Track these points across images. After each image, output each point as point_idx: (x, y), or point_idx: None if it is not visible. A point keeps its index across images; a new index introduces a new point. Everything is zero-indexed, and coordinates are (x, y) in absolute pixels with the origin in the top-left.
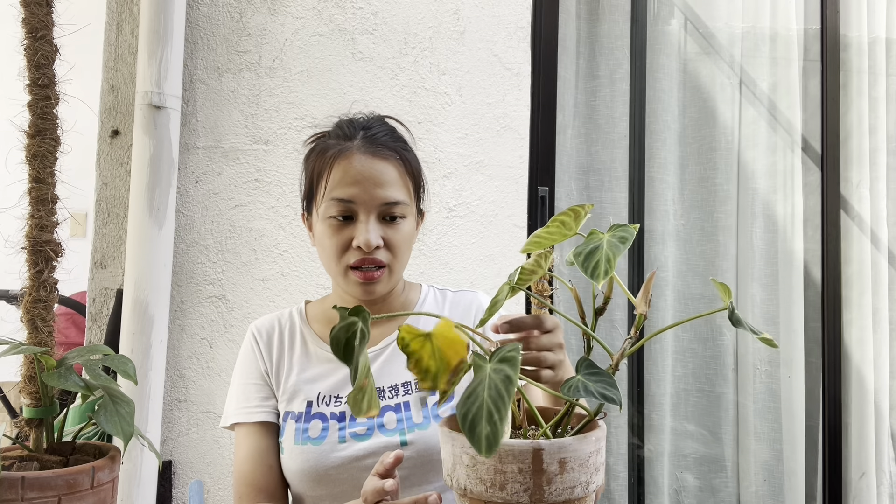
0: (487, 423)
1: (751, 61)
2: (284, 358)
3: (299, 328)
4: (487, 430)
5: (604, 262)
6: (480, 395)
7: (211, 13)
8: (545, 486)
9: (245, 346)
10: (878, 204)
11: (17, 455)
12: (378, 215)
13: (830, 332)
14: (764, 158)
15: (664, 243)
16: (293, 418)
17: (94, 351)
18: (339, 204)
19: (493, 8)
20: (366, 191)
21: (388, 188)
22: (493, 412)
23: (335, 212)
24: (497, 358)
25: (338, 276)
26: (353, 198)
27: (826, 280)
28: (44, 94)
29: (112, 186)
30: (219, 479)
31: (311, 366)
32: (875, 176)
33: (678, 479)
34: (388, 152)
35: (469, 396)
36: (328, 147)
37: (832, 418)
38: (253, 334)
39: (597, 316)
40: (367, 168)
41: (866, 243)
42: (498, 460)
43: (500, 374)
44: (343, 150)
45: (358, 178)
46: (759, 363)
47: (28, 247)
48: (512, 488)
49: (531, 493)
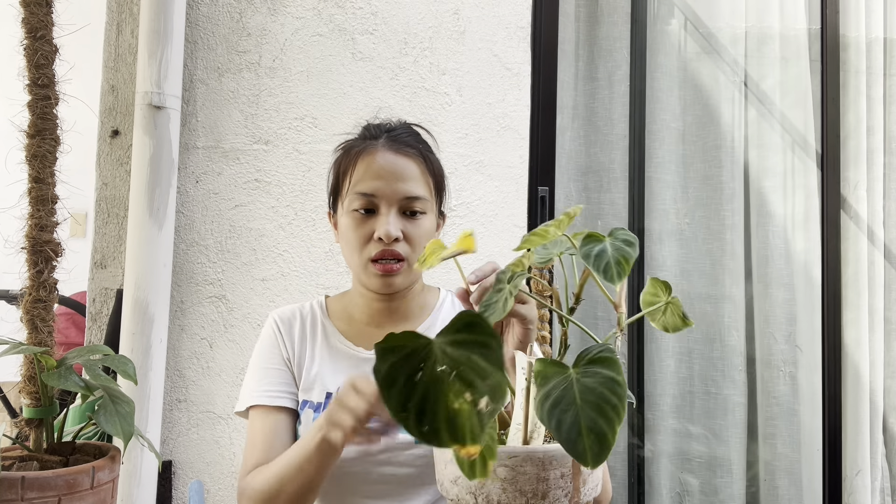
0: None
1: (751, 61)
2: (306, 347)
3: (321, 321)
4: (591, 442)
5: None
6: (572, 401)
7: (211, 13)
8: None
9: (266, 333)
10: (878, 204)
11: (17, 455)
12: (399, 209)
13: (830, 332)
14: (765, 158)
15: (662, 243)
16: (311, 407)
17: (94, 351)
18: (362, 198)
19: (493, 8)
20: (388, 185)
21: (409, 183)
22: (598, 420)
23: (358, 205)
24: (586, 360)
25: (359, 269)
26: (376, 191)
27: (826, 280)
28: (43, 94)
29: (112, 186)
30: (219, 479)
31: (332, 359)
32: (874, 176)
33: (679, 479)
34: (411, 150)
35: (556, 405)
36: (353, 146)
37: (832, 418)
38: (275, 321)
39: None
40: (389, 163)
41: (866, 243)
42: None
43: (596, 378)
44: (367, 147)
45: (381, 173)
46: (762, 363)
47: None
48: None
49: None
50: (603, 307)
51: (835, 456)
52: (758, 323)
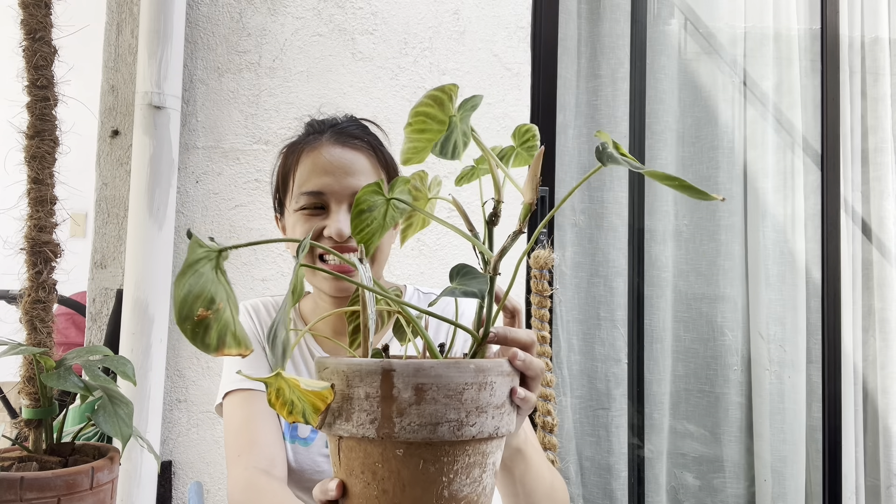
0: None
1: (751, 61)
2: None
3: (292, 320)
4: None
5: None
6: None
7: (211, 13)
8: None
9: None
10: (878, 204)
11: (16, 456)
12: (350, 205)
13: (830, 332)
14: (766, 158)
15: (665, 243)
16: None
17: (93, 352)
18: (310, 196)
19: (493, 8)
20: (336, 180)
21: (359, 177)
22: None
23: (306, 202)
24: None
25: (309, 273)
26: (324, 188)
27: (826, 280)
28: (42, 95)
29: (112, 186)
30: (219, 480)
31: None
32: (875, 176)
33: (677, 478)
34: (359, 142)
35: None
36: (297, 143)
37: (832, 418)
38: (247, 309)
39: (489, 227)
40: (336, 158)
41: (867, 243)
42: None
43: None
44: (312, 142)
45: (328, 169)
46: (763, 363)
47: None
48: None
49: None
50: (605, 307)
51: (835, 456)
52: (759, 323)
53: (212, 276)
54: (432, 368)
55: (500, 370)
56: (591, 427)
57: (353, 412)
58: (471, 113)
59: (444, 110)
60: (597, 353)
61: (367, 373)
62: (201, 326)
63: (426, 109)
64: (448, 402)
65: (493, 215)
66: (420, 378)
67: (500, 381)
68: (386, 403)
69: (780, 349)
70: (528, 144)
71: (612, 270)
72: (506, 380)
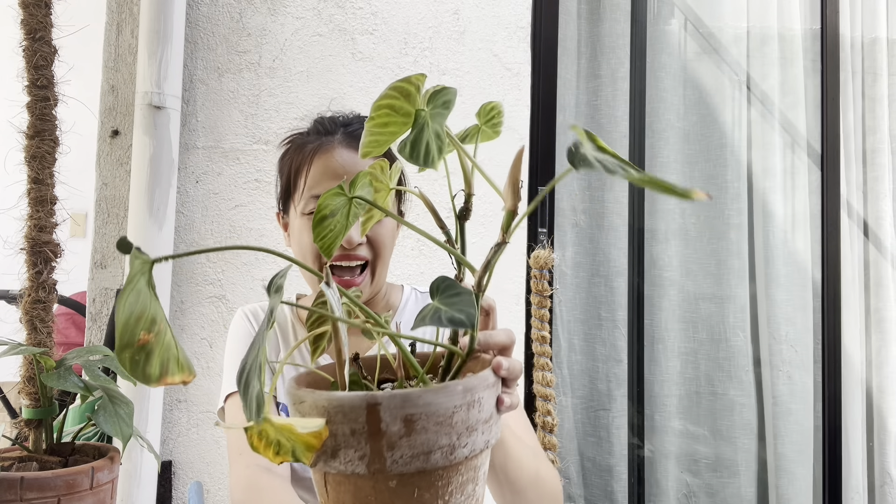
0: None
1: (751, 61)
2: (280, 349)
3: (291, 324)
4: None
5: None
6: None
7: (211, 13)
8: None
9: (239, 325)
10: (878, 204)
11: (16, 456)
12: None
13: (830, 332)
14: (768, 158)
15: (667, 242)
16: (283, 411)
17: (93, 352)
18: None
19: (493, 8)
20: None
21: None
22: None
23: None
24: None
25: (314, 278)
26: None
27: (826, 280)
28: (42, 95)
29: (112, 186)
30: (219, 480)
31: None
32: (873, 176)
33: (680, 479)
34: None
35: None
36: (307, 143)
37: (832, 418)
38: (247, 315)
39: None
40: (349, 162)
41: (867, 243)
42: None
43: None
44: (323, 144)
45: (340, 173)
46: (765, 364)
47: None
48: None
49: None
50: (606, 307)
51: (835, 456)
52: (761, 323)
53: (147, 293)
54: (420, 397)
55: (486, 384)
56: (592, 427)
57: (340, 449)
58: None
59: (411, 101)
60: (598, 353)
61: (350, 408)
62: (142, 353)
63: (390, 102)
64: (439, 428)
65: (465, 209)
66: (408, 409)
67: (486, 395)
68: (374, 439)
69: (791, 349)
70: (493, 122)
71: (612, 270)
72: (492, 391)
